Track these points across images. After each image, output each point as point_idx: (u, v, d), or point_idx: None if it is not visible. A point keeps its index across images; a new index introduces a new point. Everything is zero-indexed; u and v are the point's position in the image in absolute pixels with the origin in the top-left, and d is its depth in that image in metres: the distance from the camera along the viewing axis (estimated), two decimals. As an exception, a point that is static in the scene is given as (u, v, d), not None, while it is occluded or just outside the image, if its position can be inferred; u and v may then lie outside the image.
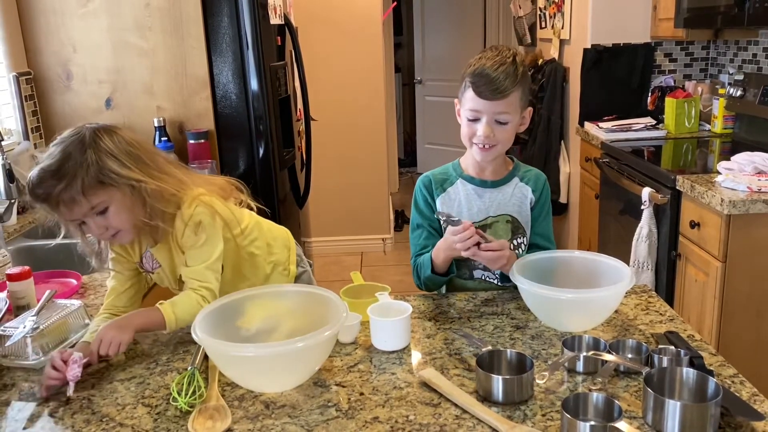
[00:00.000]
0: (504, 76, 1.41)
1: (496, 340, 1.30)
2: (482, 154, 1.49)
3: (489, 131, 1.44)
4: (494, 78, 1.40)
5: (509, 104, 1.44)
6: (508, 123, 1.46)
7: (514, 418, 1.03)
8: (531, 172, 1.60)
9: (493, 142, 1.46)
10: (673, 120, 3.20)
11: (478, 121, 1.46)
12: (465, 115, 1.48)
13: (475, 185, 1.56)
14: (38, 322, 1.31)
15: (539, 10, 4.43)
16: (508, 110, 1.44)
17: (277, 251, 1.65)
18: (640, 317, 1.38)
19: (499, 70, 1.41)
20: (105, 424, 1.07)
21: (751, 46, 3.12)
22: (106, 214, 1.31)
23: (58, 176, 1.26)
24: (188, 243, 1.39)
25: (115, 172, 1.29)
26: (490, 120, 1.44)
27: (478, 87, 1.42)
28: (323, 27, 4.26)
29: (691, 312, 2.37)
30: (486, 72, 1.41)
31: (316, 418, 1.06)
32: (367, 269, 4.32)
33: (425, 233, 1.57)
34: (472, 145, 1.49)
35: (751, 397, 1.06)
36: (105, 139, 1.30)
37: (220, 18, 2.55)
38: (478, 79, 1.42)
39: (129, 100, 2.60)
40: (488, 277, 1.57)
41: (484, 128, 1.45)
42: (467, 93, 1.46)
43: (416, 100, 6.71)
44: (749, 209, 2.09)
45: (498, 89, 1.41)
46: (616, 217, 3.03)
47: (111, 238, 1.35)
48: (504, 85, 1.41)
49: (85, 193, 1.27)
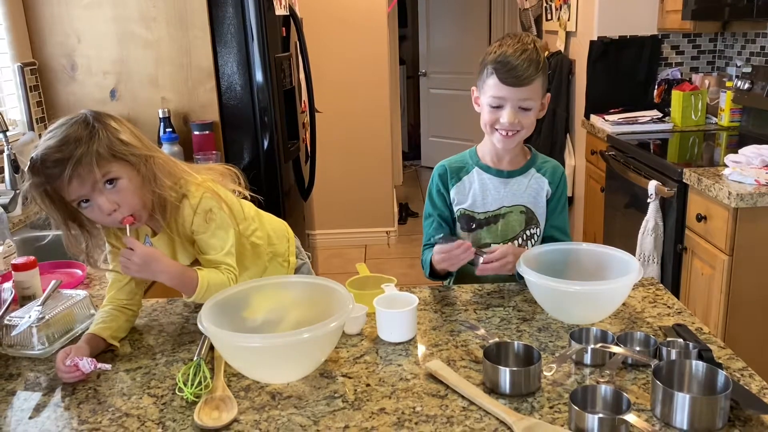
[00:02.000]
0: (528, 63, 1.41)
1: (503, 332, 1.29)
2: (505, 141, 1.48)
3: (513, 118, 1.44)
4: (518, 65, 1.41)
5: (533, 90, 1.44)
6: (532, 109, 1.46)
7: (521, 410, 1.02)
8: (548, 163, 1.60)
9: (517, 128, 1.46)
10: (679, 113, 3.18)
11: (501, 108, 1.45)
12: (487, 102, 1.47)
13: (492, 174, 1.55)
14: (44, 312, 1.31)
15: (545, 2, 4.40)
16: (532, 96, 1.44)
17: (276, 242, 1.64)
18: (647, 310, 1.37)
19: (522, 57, 1.41)
20: (111, 414, 1.07)
21: (759, 39, 3.09)
22: (117, 186, 1.25)
23: (71, 147, 1.20)
24: (200, 230, 1.35)
25: (126, 143, 1.26)
26: (514, 107, 1.44)
27: (501, 74, 1.42)
28: (328, 19, 4.24)
29: (697, 306, 2.36)
30: (509, 59, 1.41)
31: (323, 409, 1.05)
32: (371, 262, 4.31)
33: (435, 223, 1.58)
34: (493, 133, 1.49)
35: (761, 390, 1.05)
36: (108, 119, 1.29)
37: (225, 9, 2.54)
38: (501, 66, 1.42)
39: (133, 91, 2.59)
40: None
41: (508, 115, 1.44)
42: (489, 80, 1.45)
43: (420, 92, 6.69)
44: (757, 202, 2.08)
45: (522, 76, 1.41)
46: (621, 211, 3.01)
47: (120, 222, 1.28)
48: (528, 71, 1.41)
49: (98, 163, 1.21)
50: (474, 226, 1.56)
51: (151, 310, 1.46)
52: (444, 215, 1.58)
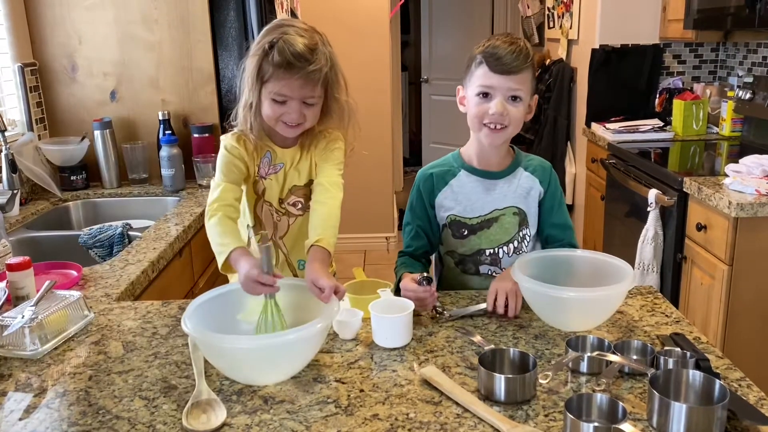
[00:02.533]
0: (518, 53, 1.41)
1: (499, 339, 1.28)
2: (492, 136, 1.46)
3: (502, 108, 1.43)
4: (508, 52, 1.41)
5: (522, 81, 1.43)
6: (520, 102, 1.44)
7: (516, 418, 1.01)
8: (534, 161, 1.58)
9: (505, 122, 1.44)
10: (680, 122, 3.17)
11: (490, 98, 1.44)
12: (474, 93, 1.45)
13: (480, 176, 1.54)
14: (37, 312, 1.30)
15: (547, 10, 4.41)
16: (521, 87, 1.43)
17: None
18: (645, 318, 1.36)
19: (511, 47, 1.42)
20: (101, 416, 1.06)
21: (762, 49, 3.09)
22: (312, 108, 1.43)
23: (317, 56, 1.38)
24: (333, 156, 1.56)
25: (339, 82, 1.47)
26: (503, 96, 1.43)
27: (491, 62, 1.42)
28: (330, 24, 4.22)
29: (696, 315, 2.35)
30: (499, 49, 1.42)
31: (315, 414, 1.04)
32: (370, 267, 4.30)
33: (413, 232, 1.58)
34: (481, 128, 1.46)
35: (758, 401, 1.04)
36: None
37: (227, 12, 2.54)
38: (490, 55, 1.42)
39: (134, 93, 2.59)
40: (495, 272, 1.55)
41: (497, 105, 1.42)
42: (478, 70, 1.44)
43: (422, 99, 6.70)
44: (757, 212, 2.07)
45: (512, 64, 1.41)
46: (621, 219, 3.00)
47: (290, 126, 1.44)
48: (518, 60, 1.41)
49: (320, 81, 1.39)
50: (466, 232, 1.54)
51: (145, 312, 1.45)
52: (423, 225, 1.57)
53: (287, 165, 1.54)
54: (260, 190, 1.56)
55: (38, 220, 2.25)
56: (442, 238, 1.59)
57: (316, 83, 1.40)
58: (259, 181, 1.55)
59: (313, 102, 1.43)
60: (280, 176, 1.55)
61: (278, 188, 1.55)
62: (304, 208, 1.58)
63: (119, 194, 2.52)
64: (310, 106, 1.43)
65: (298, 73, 1.36)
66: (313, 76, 1.38)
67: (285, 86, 1.38)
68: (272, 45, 1.37)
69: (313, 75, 1.37)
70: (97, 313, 1.45)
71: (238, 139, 1.51)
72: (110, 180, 2.56)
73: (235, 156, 1.49)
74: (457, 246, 1.55)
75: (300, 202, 1.57)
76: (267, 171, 1.54)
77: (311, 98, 1.42)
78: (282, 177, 1.55)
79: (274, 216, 1.58)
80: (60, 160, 2.51)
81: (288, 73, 1.36)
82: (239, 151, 1.49)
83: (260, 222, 1.59)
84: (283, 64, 1.35)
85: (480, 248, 1.54)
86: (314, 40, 1.40)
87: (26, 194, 2.37)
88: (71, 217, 2.44)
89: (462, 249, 1.55)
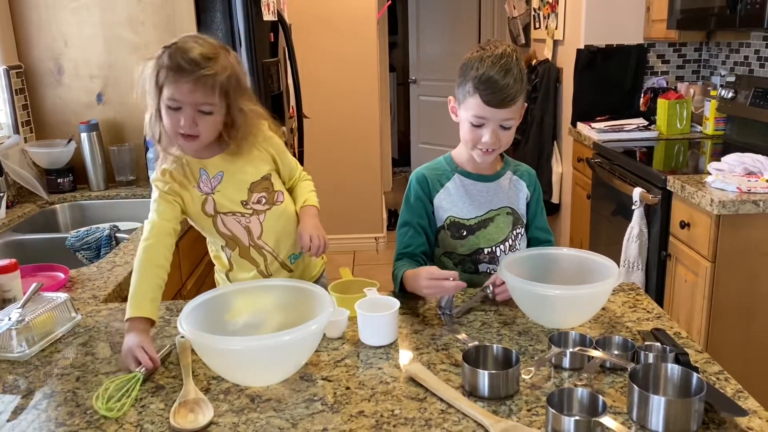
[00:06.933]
0: (512, 83, 1.40)
1: (484, 336, 1.30)
2: (484, 156, 1.50)
3: (495, 137, 1.45)
4: (503, 86, 1.39)
5: (515, 111, 1.45)
6: (512, 126, 1.47)
7: (499, 413, 1.03)
8: (521, 167, 1.64)
9: (497, 146, 1.47)
10: (665, 121, 3.21)
11: (483, 126, 1.45)
12: (467, 119, 1.46)
13: (473, 179, 1.57)
14: (24, 314, 1.30)
15: (533, 11, 4.44)
16: (514, 116, 1.45)
17: None
18: (627, 315, 1.38)
19: (507, 78, 1.39)
20: (89, 416, 1.06)
21: (743, 49, 3.13)
22: (206, 117, 1.40)
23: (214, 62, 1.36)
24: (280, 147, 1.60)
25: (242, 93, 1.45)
26: (496, 126, 1.44)
27: (485, 96, 1.40)
28: (317, 25, 4.26)
29: (681, 312, 2.38)
30: (494, 80, 1.39)
31: (302, 411, 1.05)
32: (359, 268, 4.32)
33: (411, 231, 1.57)
34: (474, 149, 1.49)
35: (736, 394, 1.06)
36: None
37: (213, 13, 2.55)
38: (484, 87, 1.40)
39: (120, 95, 2.59)
40: (493, 269, 1.57)
41: (490, 135, 1.44)
42: (471, 99, 1.43)
43: (410, 99, 6.72)
44: (738, 210, 2.10)
45: (507, 97, 1.40)
46: (607, 218, 3.04)
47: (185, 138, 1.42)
48: (512, 93, 1.40)
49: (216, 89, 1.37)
50: (465, 233, 1.56)
51: (132, 314, 1.45)
52: (423, 224, 1.57)
53: (227, 170, 1.51)
54: (212, 208, 1.52)
55: (25, 222, 2.25)
56: (438, 240, 1.60)
57: (210, 90, 1.37)
58: (207, 198, 1.51)
59: (208, 110, 1.39)
60: (227, 183, 1.52)
61: (234, 192, 1.52)
62: (268, 202, 1.57)
63: (106, 196, 2.52)
64: (206, 114, 1.39)
65: (188, 76, 1.34)
66: (205, 81, 1.35)
67: (176, 90, 1.36)
68: (166, 49, 1.37)
69: (205, 80, 1.35)
70: (85, 315, 1.45)
71: (163, 173, 1.49)
72: (97, 182, 2.56)
73: (167, 192, 1.47)
74: (456, 247, 1.57)
75: (263, 197, 1.55)
76: (211, 185, 1.51)
77: (205, 105, 1.38)
78: (231, 183, 1.52)
79: (242, 221, 1.55)
80: (46, 163, 2.50)
81: (178, 75, 1.35)
82: (170, 186, 1.48)
83: (230, 237, 1.56)
84: (173, 67, 1.35)
85: (479, 247, 1.57)
86: (215, 50, 1.39)
87: (13, 197, 2.37)
88: (58, 219, 2.44)
89: (461, 249, 1.57)
